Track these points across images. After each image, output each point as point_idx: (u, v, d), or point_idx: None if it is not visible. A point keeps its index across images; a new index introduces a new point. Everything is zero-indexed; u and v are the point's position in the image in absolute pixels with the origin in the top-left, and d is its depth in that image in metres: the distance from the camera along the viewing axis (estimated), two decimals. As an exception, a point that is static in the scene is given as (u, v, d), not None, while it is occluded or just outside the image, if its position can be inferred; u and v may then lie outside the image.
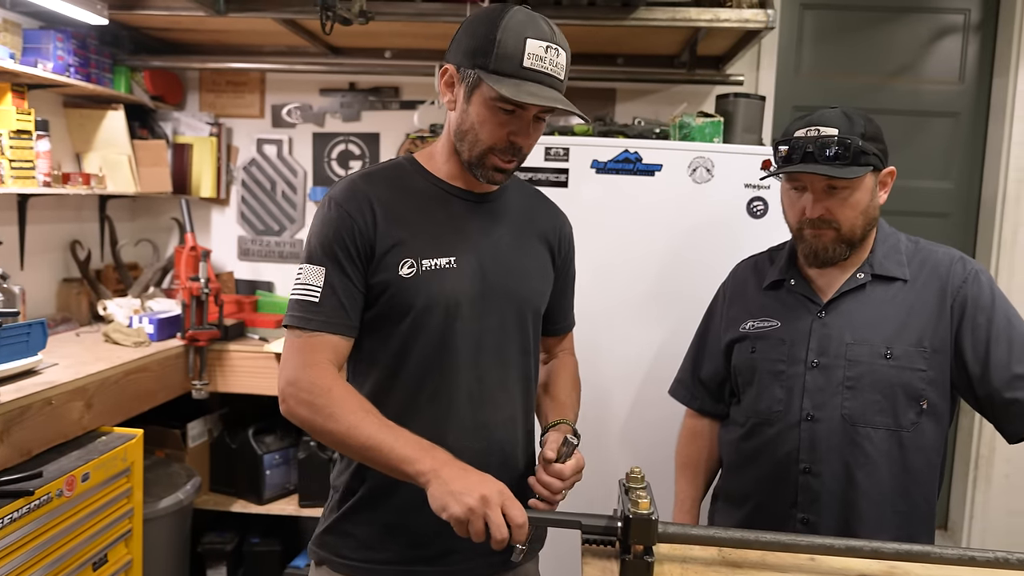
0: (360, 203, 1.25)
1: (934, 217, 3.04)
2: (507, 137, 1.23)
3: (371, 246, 1.24)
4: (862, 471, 1.40)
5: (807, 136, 1.37)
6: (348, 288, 1.24)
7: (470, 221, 1.32)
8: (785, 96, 2.99)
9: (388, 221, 1.25)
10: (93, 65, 2.64)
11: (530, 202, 1.44)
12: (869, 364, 1.40)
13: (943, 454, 1.45)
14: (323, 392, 1.18)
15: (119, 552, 2.06)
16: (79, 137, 2.78)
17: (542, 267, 1.41)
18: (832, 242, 1.41)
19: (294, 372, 1.21)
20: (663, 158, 2.14)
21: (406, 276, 1.24)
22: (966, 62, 3.00)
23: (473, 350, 1.29)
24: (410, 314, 1.25)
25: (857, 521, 1.40)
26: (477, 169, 1.26)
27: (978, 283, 1.40)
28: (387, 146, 3.07)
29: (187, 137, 3.06)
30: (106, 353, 2.28)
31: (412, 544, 1.30)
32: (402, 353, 1.27)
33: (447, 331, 1.26)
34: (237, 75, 3.08)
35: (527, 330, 1.36)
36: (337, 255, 1.23)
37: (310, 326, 1.22)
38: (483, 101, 1.20)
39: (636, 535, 1.06)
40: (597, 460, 2.15)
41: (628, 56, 2.88)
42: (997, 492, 2.98)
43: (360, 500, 1.31)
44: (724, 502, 1.60)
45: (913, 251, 1.47)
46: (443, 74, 1.27)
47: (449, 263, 1.26)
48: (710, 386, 1.65)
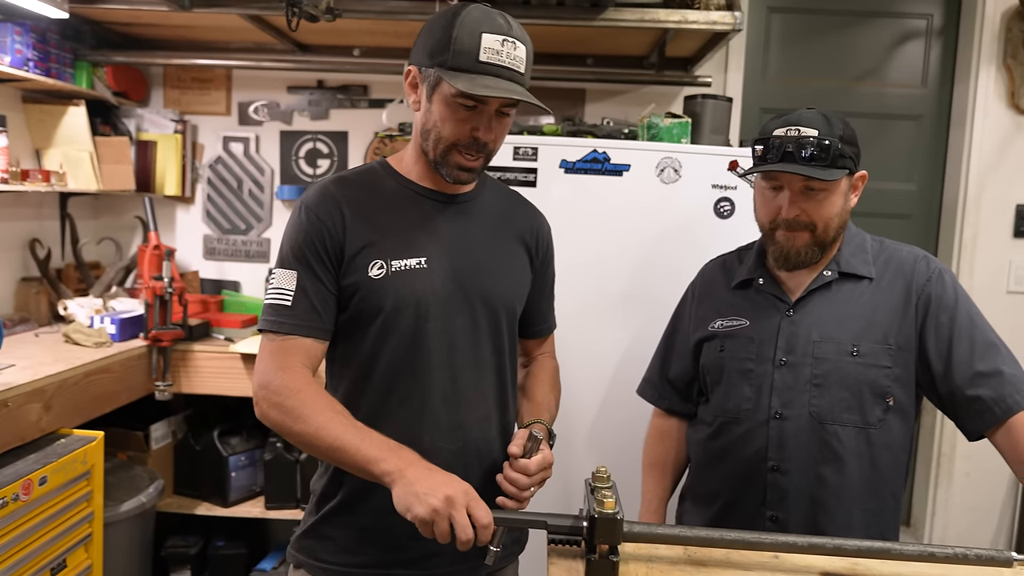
0: (330, 207, 1.26)
1: (897, 218, 3.09)
2: (469, 133, 1.23)
3: (341, 249, 1.25)
4: (830, 468, 1.41)
5: (787, 135, 1.37)
6: (320, 291, 1.25)
7: (441, 221, 1.33)
8: (752, 98, 3.02)
9: (358, 223, 1.26)
10: (53, 60, 2.58)
11: (507, 202, 1.45)
12: (836, 362, 1.41)
13: (909, 451, 1.48)
14: (293, 394, 1.19)
15: (79, 557, 2.01)
16: (39, 133, 2.72)
17: (518, 267, 1.41)
18: (806, 245, 1.42)
19: (266, 375, 1.22)
20: (631, 158, 2.14)
21: (376, 277, 1.25)
22: (928, 66, 3.05)
23: (446, 350, 1.29)
24: (380, 315, 1.26)
25: (826, 518, 1.42)
26: (442, 168, 1.27)
27: (942, 282, 1.43)
28: (356, 145, 3.05)
29: (151, 134, 3.00)
30: (66, 354, 2.24)
31: (390, 548, 1.30)
32: (374, 355, 1.28)
33: (418, 332, 1.27)
34: (203, 72, 3.03)
35: (501, 330, 1.36)
36: (308, 259, 1.25)
37: (283, 329, 1.23)
38: (443, 98, 1.22)
39: (601, 534, 1.06)
40: (565, 460, 2.16)
41: (597, 57, 2.88)
42: (958, 489, 3.03)
43: (338, 504, 1.31)
44: (692, 502, 1.61)
45: (878, 250, 1.49)
46: (407, 76, 1.29)
47: (419, 263, 1.27)
48: (678, 385, 1.66)
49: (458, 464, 1.25)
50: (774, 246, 1.46)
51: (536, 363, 1.53)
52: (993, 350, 1.38)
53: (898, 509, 1.48)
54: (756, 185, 1.49)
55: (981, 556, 1.09)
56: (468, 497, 1.09)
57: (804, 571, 1.12)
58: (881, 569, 1.14)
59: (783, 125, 1.39)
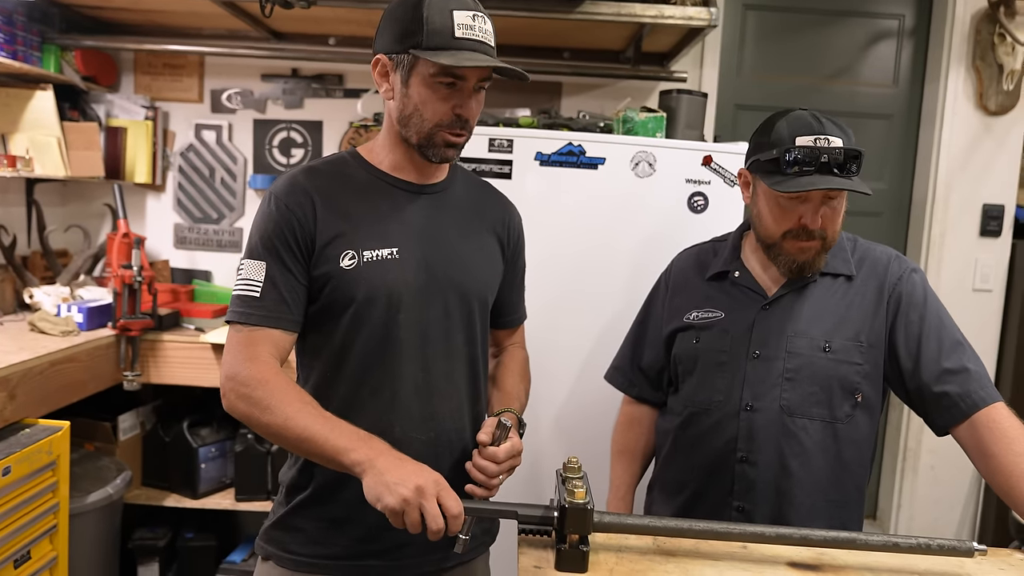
0: (300, 197, 1.25)
1: (868, 216, 3.13)
2: (452, 111, 1.24)
3: (311, 239, 1.25)
4: (797, 461, 1.43)
5: (819, 146, 1.34)
6: (289, 282, 1.24)
7: (413, 212, 1.32)
8: (727, 94, 3.04)
9: (329, 213, 1.26)
10: (20, 42, 2.53)
11: (478, 193, 1.45)
12: (808, 357, 1.43)
13: (874, 445, 1.50)
14: (260, 385, 1.18)
15: (43, 549, 1.98)
16: (4, 117, 2.66)
17: (489, 257, 1.41)
18: (817, 254, 1.42)
19: (233, 367, 1.21)
20: (606, 151, 2.15)
21: (347, 268, 1.24)
22: (900, 66, 3.09)
23: (418, 341, 1.29)
24: (352, 306, 1.25)
25: (791, 510, 1.44)
26: (428, 149, 1.27)
27: (912, 281, 1.45)
28: (330, 134, 3.02)
29: (121, 120, 2.95)
30: (31, 342, 2.20)
31: (361, 539, 1.29)
32: (345, 346, 1.27)
33: (390, 323, 1.27)
34: (175, 58, 2.98)
35: (473, 320, 1.36)
36: (278, 250, 1.24)
37: (251, 321, 1.23)
38: (422, 80, 1.22)
39: (572, 525, 1.06)
40: (534, 450, 2.17)
41: (574, 50, 2.89)
42: (923, 482, 3.09)
43: (309, 495, 1.31)
44: (660, 491, 1.62)
45: (853, 248, 1.51)
46: (375, 65, 1.28)
47: (391, 254, 1.27)
48: (649, 374, 1.67)
49: (429, 454, 1.25)
50: (783, 256, 1.43)
51: (506, 353, 1.53)
52: (960, 348, 1.41)
53: (862, 502, 1.50)
54: (766, 193, 1.42)
55: (944, 546, 1.12)
56: (438, 487, 1.08)
57: (771, 561, 1.14)
58: (846, 559, 1.15)
59: (806, 132, 1.35)
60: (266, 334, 1.23)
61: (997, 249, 3.01)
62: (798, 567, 1.12)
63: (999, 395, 1.38)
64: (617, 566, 1.09)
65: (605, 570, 1.08)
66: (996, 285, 3.02)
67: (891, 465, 3.18)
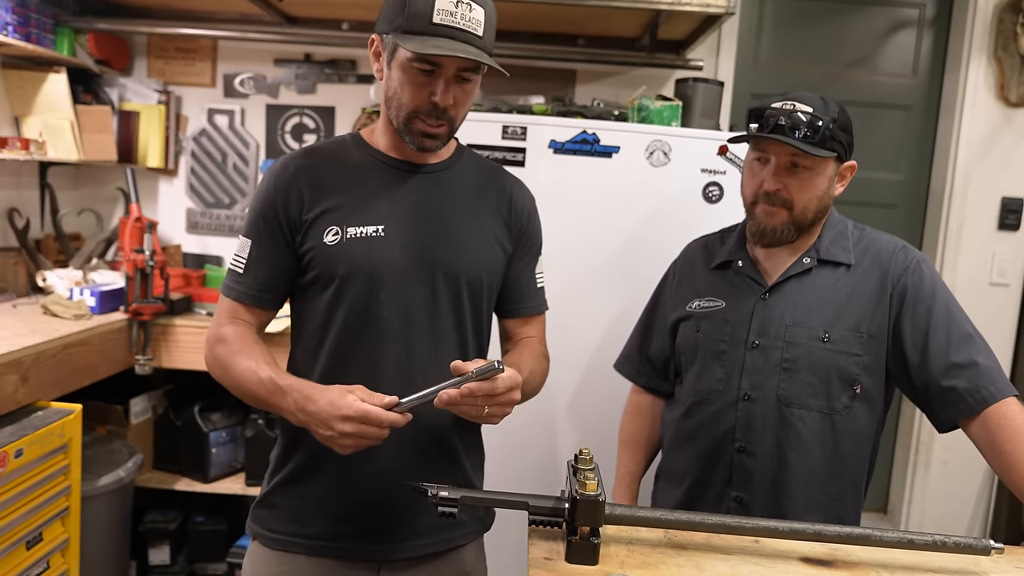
0: (290, 176, 1.28)
1: (884, 208, 3.09)
2: (428, 99, 1.22)
3: (297, 219, 1.27)
4: (794, 452, 1.42)
5: (782, 108, 1.38)
6: (269, 261, 1.29)
7: (405, 190, 1.31)
8: (743, 83, 3.01)
9: (317, 191, 1.28)
10: (33, 25, 2.52)
11: (485, 175, 1.41)
12: (807, 346, 1.42)
13: (875, 440, 1.48)
14: (226, 342, 1.26)
15: (55, 531, 1.99)
16: (18, 100, 2.66)
17: (488, 240, 1.36)
18: (783, 224, 1.42)
19: (212, 330, 1.30)
20: (621, 140, 2.13)
21: (330, 244, 1.26)
22: (919, 56, 3.05)
23: (401, 321, 1.28)
24: (334, 282, 1.26)
25: (787, 501, 1.43)
26: (406, 136, 1.26)
27: (919, 272, 1.43)
28: (343, 120, 3.01)
29: (134, 104, 2.95)
30: (44, 326, 2.20)
31: (340, 520, 1.29)
32: (327, 321, 1.29)
33: (372, 300, 1.26)
34: (188, 42, 2.97)
35: (462, 304, 1.33)
36: (261, 228, 1.29)
37: (231, 295, 1.31)
38: (400, 64, 1.21)
39: (583, 516, 1.05)
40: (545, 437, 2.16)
41: (589, 37, 2.86)
42: (935, 477, 3.07)
43: (290, 473, 1.32)
44: (665, 481, 1.62)
45: (858, 238, 1.50)
46: (371, 45, 1.29)
47: (376, 231, 1.27)
48: (656, 364, 1.67)
49: (410, 439, 1.25)
50: (753, 221, 1.47)
51: (520, 344, 1.44)
52: (969, 341, 1.38)
53: (859, 496, 1.49)
54: (746, 157, 1.50)
55: (959, 544, 1.10)
56: (358, 411, 1.10)
57: (784, 556, 1.12)
58: (860, 555, 1.14)
59: (780, 100, 1.40)
60: (245, 308, 1.30)
61: (1015, 243, 2.97)
62: (811, 563, 1.11)
63: (1013, 389, 1.35)
64: (628, 559, 1.08)
65: (616, 563, 1.07)
66: (1013, 279, 2.98)
67: (903, 460, 3.16)
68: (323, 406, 1.12)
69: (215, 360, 1.28)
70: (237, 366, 1.24)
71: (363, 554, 1.30)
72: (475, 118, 2.14)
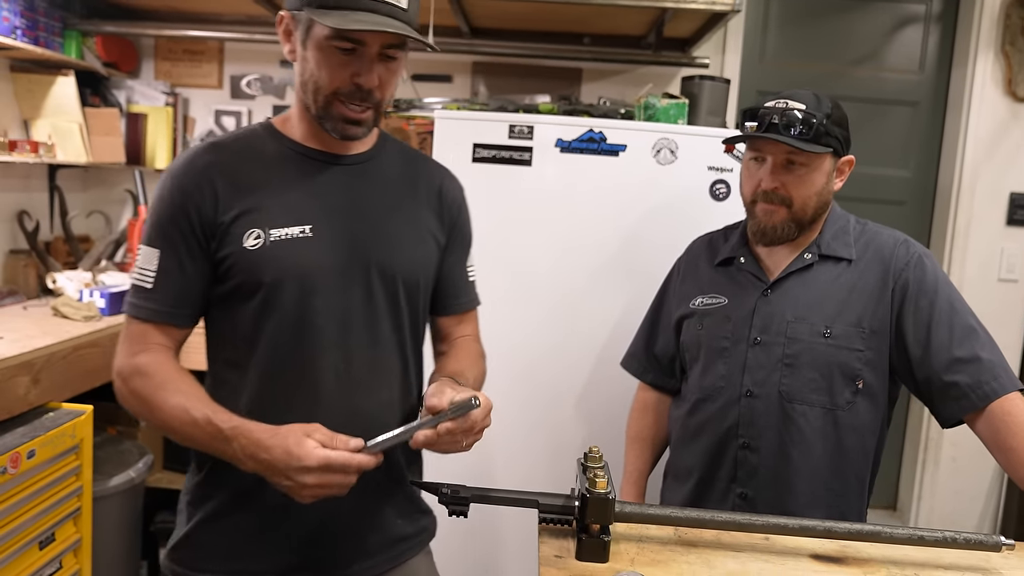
0: (198, 176, 1.14)
1: (891, 205, 3.09)
2: (350, 80, 1.11)
3: (211, 223, 1.13)
4: (796, 447, 1.43)
5: (775, 107, 1.39)
6: (185, 272, 1.14)
7: (330, 185, 1.20)
8: (750, 81, 3.00)
9: (232, 190, 1.14)
10: (42, 28, 2.54)
11: (412, 164, 1.31)
12: (808, 342, 1.42)
13: (880, 436, 1.48)
14: (146, 376, 1.12)
15: (67, 531, 2.00)
16: (27, 103, 2.68)
17: (421, 234, 1.27)
18: (782, 221, 1.43)
19: (121, 361, 1.15)
20: (628, 138, 2.13)
21: (252, 248, 1.12)
22: (926, 52, 3.04)
23: (338, 328, 1.17)
24: (260, 291, 1.13)
25: (790, 496, 1.43)
26: (327, 122, 1.15)
27: (921, 267, 1.43)
28: (349, 121, 3.01)
29: (141, 106, 2.96)
30: (54, 327, 2.21)
31: (283, 550, 1.19)
32: (255, 334, 1.15)
33: (305, 308, 1.15)
34: (194, 43, 2.99)
35: (400, 304, 1.23)
36: (171, 236, 1.13)
37: (141, 315, 1.14)
38: (316, 42, 1.10)
39: (593, 514, 1.06)
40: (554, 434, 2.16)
41: (594, 36, 2.86)
42: (944, 474, 3.06)
43: (217, 507, 1.19)
44: (672, 479, 1.63)
45: (860, 232, 1.50)
46: (280, 23, 1.16)
47: (303, 232, 1.15)
48: (662, 361, 1.68)
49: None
50: (753, 220, 1.47)
51: (456, 344, 1.36)
52: (972, 336, 1.38)
53: (863, 492, 1.48)
54: (743, 158, 1.50)
55: (970, 540, 1.10)
56: (317, 460, 1.00)
57: (794, 553, 1.12)
58: (870, 552, 1.14)
59: (774, 99, 1.41)
60: (157, 327, 1.14)
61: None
62: (821, 559, 1.11)
63: (1018, 384, 1.34)
64: (638, 556, 1.09)
65: (626, 560, 1.07)
66: (1022, 275, 2.97)
67: (912, 456, 3.15)
68: (279, 456, 1.01)
69: (133, 396, 1.13)
70: (164, 404, 1.09)
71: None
72: (481, 117, 2.14)
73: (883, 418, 1.47)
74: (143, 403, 1.12)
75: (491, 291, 2.13)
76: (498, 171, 2.12)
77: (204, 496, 1.20)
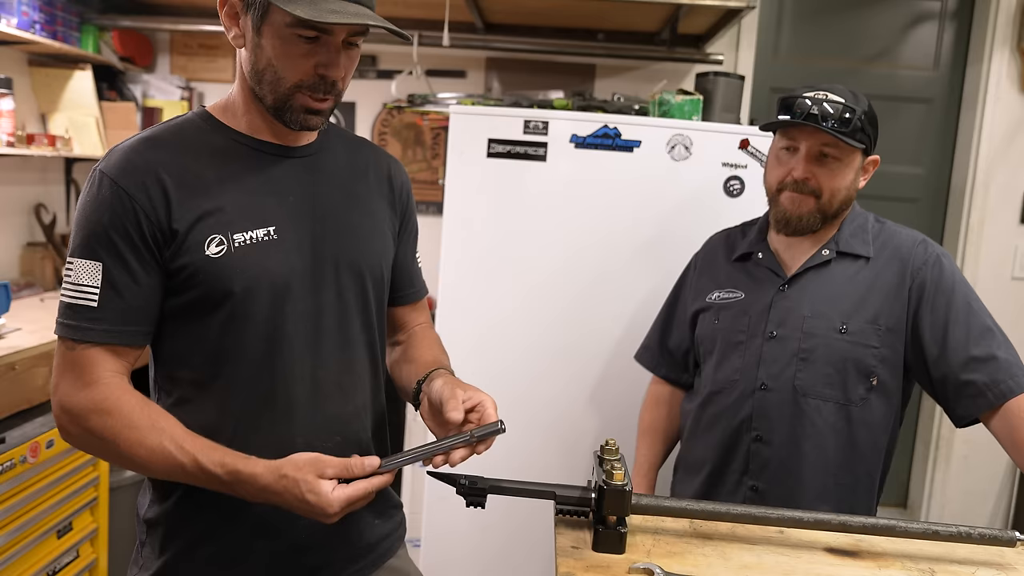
0: (142, 177, 1.01)
1: (904, 202, 3.08)
2: (314, 70, 1.03)
3: (164, 229, 1.01)
4: (808, 442, 1.44)
5: (814, 98, 1.39)
6: (136, 286, 1.01)
7: (287, 180, 1.11)
8: (763, 77, 3.00)
9: (184, 192, 1.02)
10: (59, 23, 2.56)
11: (359, 152, 1.24)
12: (824, 337, 1.43)
13: (892, 433, 1.49)
14: (106, 413, 0.99)
15: (84, 520, 2.03)
16: (44, 97, 2.71)
17: (380, 226, 1.22)
18: (809, 211, 1.43)
19: (69, 396, 1.00)
20: (642, 134, 2.13)
21: (215, 256, 1.02)
22: (941, 49, 3.03)
23: (310, 334, 1.10)
24: (227, 302, 1.04)
25: (800, 490, 1.44)
26: (286, 114, 1.06)
27: (939, 266, 1.43)
28: (363, 116, 3.03)
29: (157, 101, 2.98)
30: (72, 319, 2.24)
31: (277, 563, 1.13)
32: (223, 350, 1.06)
33: (276, 317, 1.07)
34: (210, 38, 3.01)
35: (369, 301, 1.18)
36: (117, 246, 1.00)
37: (88, 337, 1.00)
38: (276, 31, 1.01)
39: (610, 506, 1.06)
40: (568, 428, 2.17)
41: (609, 32, 2.86)
42: (956, 472, 3.06)
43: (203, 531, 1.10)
44: (684, 471, 1.64)
45: (879, 231, 1.50)
46: (222, 4, 1.06)
47: (268, 234, 1.06)
48: (676, 355, 1.69)
49: None
50: (777, 208, 1.47)
51: (415, 333, 1.31)
52: (989, 335, 1.38)
53: (873, 488, 1.49)
54: (772, 147, 1.50)
55: (985, 535, 1.10)
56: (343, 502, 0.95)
57: (809, 546, 1.13)
58: (885, 546, 1.15)
59: (812, 90, 1.41)
60: (107, 351, 1.01)
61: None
62: (836, 553, 1.12)
63: None
64: (654, 548, 1.09)
65: (642, 552, 1.08)
66: (1036, 273, 2.96)
67: (923, 454, 3.15)
68: (295, 505, 0.95)
69: (92, 436, 0.99)
70: (139, 446, 0.98)
71: None
72: (497, 113, 2.15)
73: (896, 416, 1.48)
74: (107, 444, 0.99)
75: (505, 286, 2.15)
76: (512, 166, 2.12)
77: (178, 525, 1.10)
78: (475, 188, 2.12)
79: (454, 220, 2.14)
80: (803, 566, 1.07)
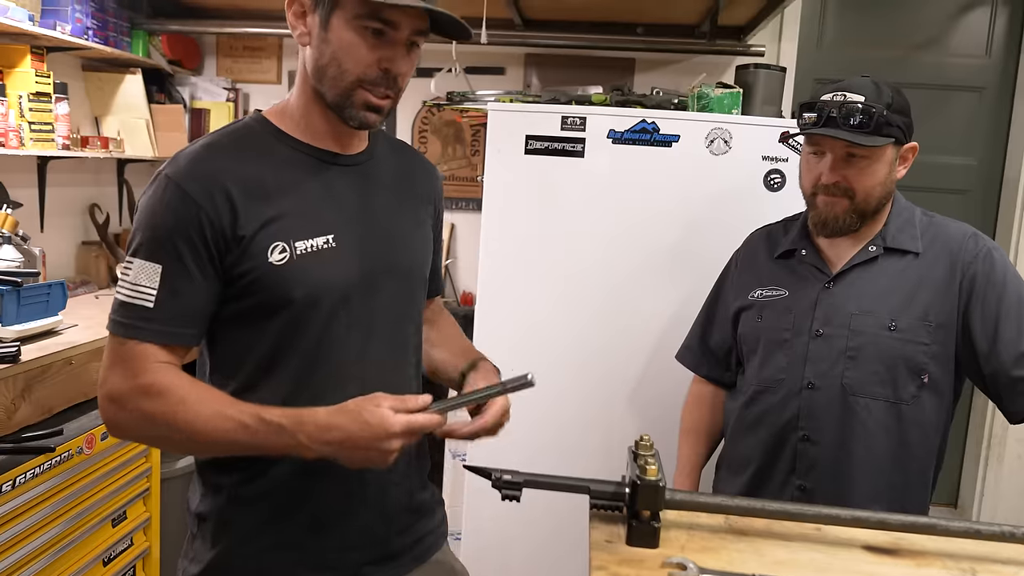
0: (208, 185, 1.02)
1: (955, 194, 3.00)
2: (378, 65, 1.04)
3: (228, 236, 1.02)
4: (859, 441, 1.41)
5: (832, 101, 1.36)
6: (194, 290, 1.03)
7: (344, 189, 1.13)
8: (806, 68, 2.95)
9: (249, 200, 1.04)
10: (111, 28, 2.64)
11: (406, 160, 1.27)
12: (873, 335, 1.40)
13: (944, 431, 1.46)
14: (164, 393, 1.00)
15: (138, 509, 2.10)
16: (97, 100, 2.80)
17: (424, 231, 1.26)
18: (844, 212, 1.40)
19: (118, 384, 1.01)
20: (680, 129, 2.12)
21: (278, 264, 1.04)
22: (993, 36, 2.94)
23: (364, 337, 1.13)
24: (288, 308, 1.06)
25: (850, 491, 1.42)
26: (347, 110, 1.07)
27: (990, 260, 1.40)
28: (403, 114, 3.06)
29: (204, 102, 3.06)
30: (124, 315, 2.31)
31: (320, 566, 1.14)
32: (278, 353, 1.08)
33: (334, 322, 1.09)
34: (255, 40, 3.07)
35: (417, 304, 1.23)
36: (180, 250, 1.01)
37: (141, 336, 1.01)
38: (346, 23, 1.02)
39: (643, 501, 1.07)
40: (607, 424, 2.18)
41: (648, 25, 2.84)
42: (1009, 471, 2.97)
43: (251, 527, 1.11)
44: (727, 470, 1.62)
45: (927, 225, 1.47)
46: (290, 4, 1.08)
47: (327, 242, 1.08)
48: (718, 354, 1.67)
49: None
50: (814, 211, 1.45)
51: (439, 321, 1.38)
52: None
53: (926, 488, 1.46)
54: (802, 151, 1.49)
55: (1030, 535, 1.08)
56: (403, 425, 0.97)
57: (846, 544, 1.12)
58: (925, 544, 1.13)
59: (832, 91, 1.38)
60: (158, 347, 1.02)
61: (1096, 229, 2.86)
62: (874, 551, 1.10)
63: None
64: (688, 543, 1.09)
65: (676, 547, 1.08)
66: (1094, 266, 2.86)
67: (974, 453, 3.07)
68: (356, 430, 0.97)
69: (143, 419, 1.01)
70: (194, 419, 0.99)
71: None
72: (534, 109, 2.16)
73: (948, 413, 1.45)
74: (158, 425, 1.01)
75: (544, 282, 2.16)
76: (550, 163, 2.13)
77: (229, 519, 1.12)
78: (513, 184, 2.14)
79: (493, 216, 2.16)
80: (839, 563, 1.06)
